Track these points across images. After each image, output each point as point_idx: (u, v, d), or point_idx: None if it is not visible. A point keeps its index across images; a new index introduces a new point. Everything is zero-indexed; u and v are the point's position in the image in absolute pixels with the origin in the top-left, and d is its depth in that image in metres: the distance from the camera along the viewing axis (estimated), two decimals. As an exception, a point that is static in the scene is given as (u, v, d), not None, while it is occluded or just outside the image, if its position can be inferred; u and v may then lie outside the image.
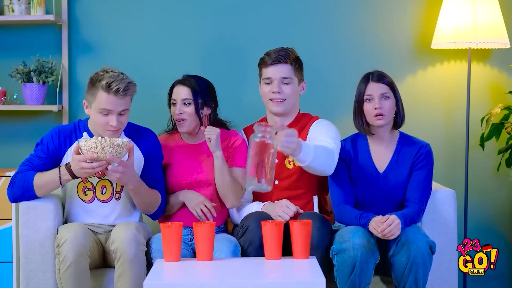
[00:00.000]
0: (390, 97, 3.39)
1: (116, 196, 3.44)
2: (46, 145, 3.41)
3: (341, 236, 3.22)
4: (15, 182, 3.34)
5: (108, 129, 3.32)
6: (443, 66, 4.18)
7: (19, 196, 3.35)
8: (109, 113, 3.30)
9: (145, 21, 4.16)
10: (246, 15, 4.16)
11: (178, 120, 3.56)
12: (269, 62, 3.53)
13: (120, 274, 3.20)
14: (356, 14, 4.17)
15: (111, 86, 3.26)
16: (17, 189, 3.34)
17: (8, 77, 4.05)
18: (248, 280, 2.87)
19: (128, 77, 3.33)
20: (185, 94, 3.55)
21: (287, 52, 3.54)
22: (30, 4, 4.02)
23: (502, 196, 4.23)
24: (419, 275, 3.15)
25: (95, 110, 3.32)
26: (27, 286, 3.37)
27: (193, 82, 3.57)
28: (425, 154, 3.40)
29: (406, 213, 3.26)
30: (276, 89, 3.51)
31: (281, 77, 3.52)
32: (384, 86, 3.38)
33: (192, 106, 3.55)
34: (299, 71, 3.57)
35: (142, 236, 3.27)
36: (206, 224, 3.08)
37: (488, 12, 3.95)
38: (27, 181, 3.32)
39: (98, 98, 3.30)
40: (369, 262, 3.16)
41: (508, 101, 4.16)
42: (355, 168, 3.42)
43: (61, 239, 3.20)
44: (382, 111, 3.36)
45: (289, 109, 3.56)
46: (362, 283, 3.16)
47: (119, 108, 3.30)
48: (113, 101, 3.28)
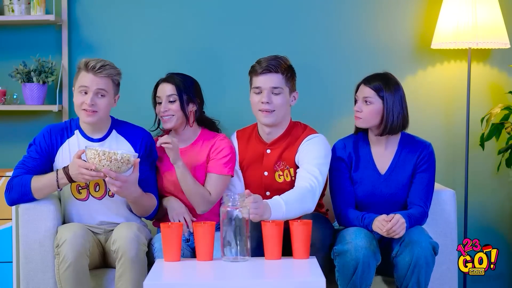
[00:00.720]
0: (374, 103, 3.34)
1: (110, 193, 3.44)
2: (38, 144, 3.42)
3: (343, 237, 3.21)
4: (12, 186, 3.35)
5: (82, 107, 3.35)
6: (443, 66, 4.18)
7: (17, 200, 3.37)
8: (86, 92, 3.35)
9: (145, 21, 4.15)
10: (246, 16, 4.16)
11: (163, 117, 3.54)
12: (259, 71, 3.44)
13: (121, 274, 3.20)
14: (356, 14, 4.17)
15: (88, 63, 3.36)
16: (15, 194, 3.35)
17: (8, 77, 4.05)
18: (248, 280, 2.87)
19: (112, 64, 3.41)
20: (170, 91, 3.54)
21: (278, 61, 3.44)
22: (30, 4, 4.02)
23: (502, 196, 4.23)
24: (422, 276, 3.15)
25: (76, 92, 3.39)
26: (27, 286, 3.37)
27: (177, 79, 3.56)
28: (428, 156, 3.38)
29: (411, 213, 3.26)
30: (265, 100, 3.42)
31: (271, 87, 3.43)
32: (369, 90, 3.34)
33: (177, 103, 3.53)
34: (290, 81, 3.47)
35: (143, 237, 3.27)
36: (206, 224, 3.08)
37: (488, 12, 3.95)
38: (24, 185, 3.33)
39: (78, 79, 3.38)
40: (371, 263, 3.16)
41: (508, 101, 4.16)
42: (357, 169, 3.41)
43: (61, 239, 3.20)
44: (360, 114, 3.34)
45: (278, 120, 3.47)
46: (363, 284, 3.16)
47: (95, 85, 3.35)
48: (90, 78, 3.35)
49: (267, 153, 3.51)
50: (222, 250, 3.05)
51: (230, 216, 3.03)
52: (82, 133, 3.44)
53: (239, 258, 3.03)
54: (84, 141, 3.43)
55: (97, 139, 3.44)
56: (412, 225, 3.24)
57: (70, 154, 3.40)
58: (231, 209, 3.03)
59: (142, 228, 3.37)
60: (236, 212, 3.02)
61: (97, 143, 3.43)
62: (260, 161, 3.52)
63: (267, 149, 3.52)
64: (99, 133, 3.45)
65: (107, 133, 3.46)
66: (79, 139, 3.44)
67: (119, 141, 3.46)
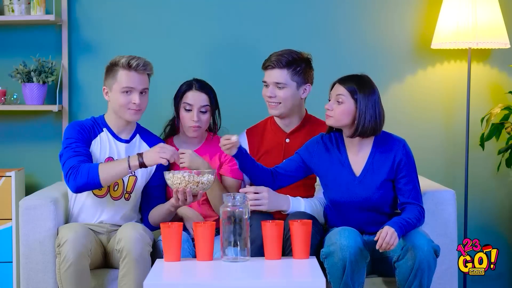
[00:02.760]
0: (345, 102, 3.28)
1: (126, 195, 3.47)
2: (76, 135, 3.40)
3: (328, 238, 3.19)
4: (79, 171, 3.29)
5: (130, 107, 3.40)
6: (443, 66, 4.18)
7: (83, 185, 3.30)
8: (131, 92, 3.39)
9: (145, 21, 4.15)
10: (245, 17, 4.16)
11: (194, 127, 3.53)
12: (265, 66, 3.55)
13: (124, 274, 3.20)
14: (356, 14, 4.17)
15: (130, 63, 3.39)
16: (82, 179, 3.29)
17: (8, 77, 4.05)
18: (248, 280, 2.87)
19: (147, 60, 3.45)
20: (204, 101, 3.54)
21: (285, 57, 3.50)
22: (30, 4, 4.02)
23: (502, 196, 4.23)
24: (424, 280, 3.13)
25: (116, 92, 3.40)
26: (27, 286, 3.37)
27: (209, 89, 3.58)
28: (405, 157, 3.31)
29: (399, 219, 3.19)
30: (269, 94, 3.52)
31: (274, 82, 3.51)
32: (343, 89, 3.29)
33: (208, 114, 3.56)
34: (299, 75, 3.52)
35: (148, 237, 3.28)
36: (206, 224, 3.08)
37: (488, 12, 3.95)
38: (92, 171, 3.28)
39: (119, 78, 3.40)
40: (359, 261, 3.13)
41: (508, 101, 4.16)
42: (331, 170, 3.37)
43: (62, 238, 3.21)
44: (330, 113, 3.31)
45: (287, 112, 3.54)
46: (356, 283, 3.14)
47: (140, 85, 3.40)
48: (134, 78, 3.39)
49: (286, 142, 3.58)
50: (222, 250, 3.05)
51: (229, 216, 3.03)
52: (110, 131, 3.48)
53: (239, 258, 3.03)
54: (113, 139, 3.47)
55: (124, 139, 3.48)
56: (407, 229, 3.18)
57: (101, 150, 3.43)
58: (231, 209, 3.03)
59: (147, 228, 3.38)
60: (236, 212, 3.03)
61: (125, 144, 3.47)
62: (279, 149, 3.58)
63: (286, 138, 3.59)
64: (125, 134, 3.49)
65: (132, 136, 3.51)
66: (108, 137, 3.47)
67: (141, 145, 3.51)
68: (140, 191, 3.51)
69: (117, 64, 3.41)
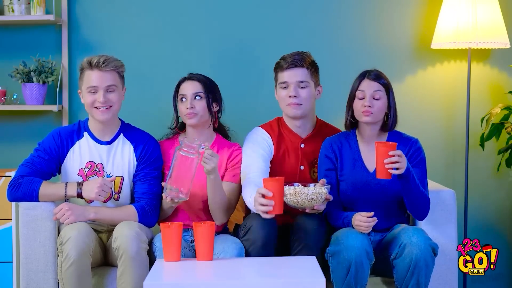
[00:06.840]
0: (382, 98, 3.35)
1: (115, 196, 3.46)
2: (48, 146, 3.44)
3: (336, 238, 3.21)
4: (20, 185, 3.35)
5: (96, 105, 3.38)
6: (443, 66, 4.18)
7: (20, 199, 3.38)
8: (96, 91, 3.38)
9: (145, 21, 4.16)
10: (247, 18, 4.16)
11: (188, 114, 3.50)
12: (285, 66, 3.50)
13: (122, 272, 3.20)
14: (356, 14, 4.17)
15: (91, 61, 3.39)
16: (21, 193, 3.36)
17: (8, 77, 4.05)
18: (248, 280, 2.87)
19: (113, 57, 3.44)
20: (196, 88, 3.51)
21: (303, 56, 3.51)
22: (30, 4, 4.02)
23: (502, 196, 4.23)
24: (422, 278, 3.14)
25: (85, 93, 3.41)
26: (27, 286, 3.37)
27: (203, 77, 3.56)
28: (418, 151, 3.39)
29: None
30: (292, 93, 3.48)
31: (297, 81, 3.49)
32: (378, 85, 3.35)
33: (204, 101, 3.51)
34: (315, 75, 3.54)
35: (144, 234, 3.28)
36: (206, 224, 3.08)
37: (488, 12, 3.95)
38: (33, 189, 3.34)
39: (85, 79, 3.41)
40: (364, 263, 3.14)
41: (508, 101, 4.16)
42: (344, 168, 3.40)
43: (65, 237, 3.21)
44: (371, 109, 3.33)
45: (306, 112, 3.53)
46: (358, 284, 3.15)
47: (104, 83, 3.38)
48: (97, 76, 3.38)
49: (301, 147, 3.56)
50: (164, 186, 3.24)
51: (183, 160, 3.20)
52: (91, 135, 3.46)
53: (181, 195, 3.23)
54: (93, 143, 3.45)
55: (105, 142, 3.46)
56: (413, 183, 3.21)
57: (80, 156, 3.44)
58: (185, 154, 3.21)
59: (143, 226, 3.37)
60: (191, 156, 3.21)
61: (106, 146, 3.45)
62: (297, 153, 3.56)
63: (301, 143, 3.56)
64: (107, 135, 3.47)
65: (115, 137, 3.48)
66: (88, 141, 3.46)
67: (124, 144, 3.48)
68: (129, 189, 3.49)
69: (82, 65, 3.43)
